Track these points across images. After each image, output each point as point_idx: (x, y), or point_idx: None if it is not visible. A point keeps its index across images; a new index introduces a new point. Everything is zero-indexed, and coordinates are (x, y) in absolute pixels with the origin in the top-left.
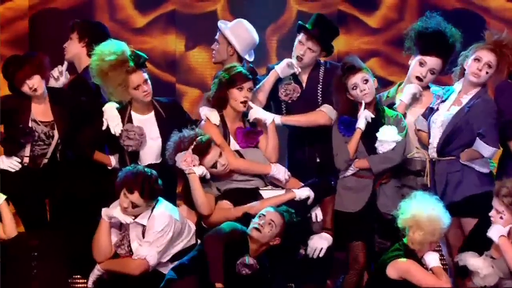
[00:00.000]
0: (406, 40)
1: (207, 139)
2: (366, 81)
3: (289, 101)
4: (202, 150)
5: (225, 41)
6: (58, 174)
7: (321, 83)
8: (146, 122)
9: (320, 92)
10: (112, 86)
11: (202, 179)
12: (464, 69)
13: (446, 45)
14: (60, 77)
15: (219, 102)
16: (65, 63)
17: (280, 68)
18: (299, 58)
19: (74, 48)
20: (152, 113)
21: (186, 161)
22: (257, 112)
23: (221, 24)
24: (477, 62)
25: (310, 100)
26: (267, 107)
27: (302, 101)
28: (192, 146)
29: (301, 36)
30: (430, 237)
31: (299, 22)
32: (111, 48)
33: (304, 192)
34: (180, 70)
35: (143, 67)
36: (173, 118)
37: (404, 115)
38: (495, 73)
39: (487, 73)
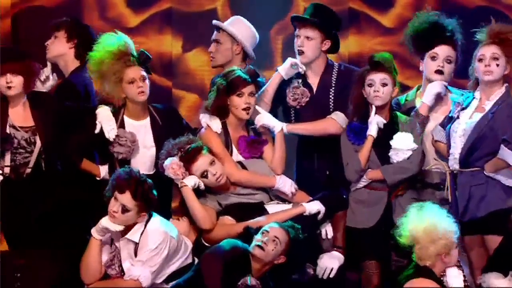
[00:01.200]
0: (409, 49)
1: (196, 147)
2: (385, 84)
3: (298, 107)
4: (188, 157)
5: (228, 40)
6: (43, 185)
7: (333, 87)
8: (140, 129)
9: (332, 97)
10: (106, 76)
11: (201, 192)
12: (477, 79)
13: (447, 31)
14: (47, 80)
15: (220, 111)
16: (49, 65)
17: (284, 69)
18: (300, 52)
19: (60, 48)
20: (147, 119)
21: (172, 168)
22: (264, 118)
23: (218, 22)
24: (482, 60)
25: (321, 105)
26: (272, 114)
27: (312, 106)
28: (179, 153)
29: (296, 30)
30: (434, 249)
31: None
32: (115, 39)
33: (314, 206)
34: (177, 74)
35: (144, 65)
36: (169, 125)
37: (427, 120)
38: (508, 65)
39: (497, 65)
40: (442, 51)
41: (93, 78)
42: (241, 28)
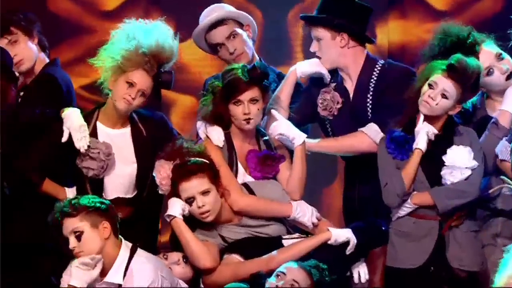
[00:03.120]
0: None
1: (195, 164)
2: (445, 97)
3: (330, 117)
4: (182, 172)
5: (241, 29)
6: None
7: (371, 91)
8: (118, 139)
9: (370, 103)
10: (111, 58)
11: (198, 223)
12: None
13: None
14: None
15: (219, 120)
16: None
17: (301, 65)
18: (318, 58)
19: (31, 50)
20: (128, 128)
21: (160, 173)
22: (282, 127)
23: (219, 15)
24: None
25: (358, 114)
26: (301, 126)
27: (347, 116)
28: (176, 161)
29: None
30: None
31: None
32: (164, 38)
33: (343, 234)
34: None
35: (159, 81)
36: (156, 137)
37: (508, 133)
38: None
39: None
40: (490, 48)
41: (104, 48)
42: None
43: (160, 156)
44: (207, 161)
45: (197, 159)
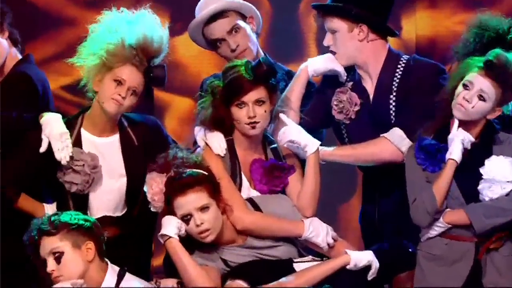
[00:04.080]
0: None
1: (191, 176)
2: (482, 98)
3: (346, 121)
4: (177, 186)
5: (244, 22)
6: None
7: (394, 91)
8: (105, 149)
9: (393, 106)
10: (94, 55)
11: (195, 244)
12: None
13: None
14: None
15: (220, 125)
16: None
17: (313, 62)
18: (332, 53)
19: (0, 45)
20: (117, 135)
21: (151, 187)
22: (292, 133)
23: (219, 6)
24: None
25: (379, 118)
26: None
27: (366, 120)
28: (170, 174)
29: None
30: None
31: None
32: (151, 28)
33: (363, 257)
34: None
35: (150, 77)
36: (149, 146)
37: None
38: None
39: None
40: None
41: (88, 40)
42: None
43: (151, 168)
44: (205, 173)
45: (194, 170)
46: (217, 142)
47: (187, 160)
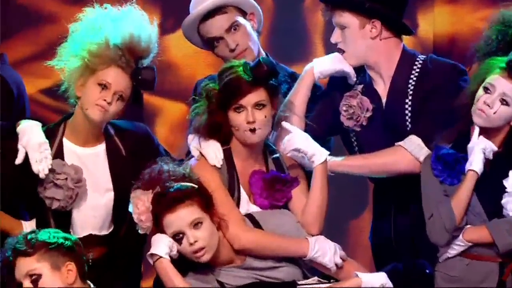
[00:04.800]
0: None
1: (180, 189)
2: (505, 102)
3: (357, 128)
4: (165, 202)
5: (244, 19)
6: None
7: (410, 94)
8: (90, 161)
9: (409, 111)
10: (75, 57)
11: (189, 265)
12: None
13: None
14: None
15: (216, 132)
16: None
17: (319, 62)
18: (340, 51)
19: None
20: (102, 145)
21: (137, 207)
22: (297, 141)
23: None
24: None
25: (394, 125)
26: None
27: (379, 127)
28: (156, 190)
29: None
30: None
31: None
32: (138, 26)
33: (376, 279)
34: None
35: (138, 80)
36: (138, 157)
37: None
38: None
39: None
40: None
41: (69, 40)
42: None
43: (135, 186)
44: (194, 186)
45: (182, 183)
46: (213, 151)
47: (174, 173)
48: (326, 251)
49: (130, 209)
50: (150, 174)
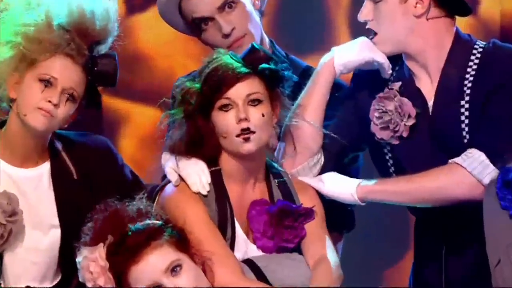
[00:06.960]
0: None
1: (147, 228)
2: None
3: (394, 142)
4: (128, 249)
5: None
6: None
7: (467, 94)
8: (28, 186)
9: (466, 117)
10: (6, 44)
11: None
12: None
13: None
14: None
15: (198, 147)
16: None
17: (341, 51)
18: (370, 34)
19: None
20: (47, 165)
21: (89, 271)
22: (325, 190)
23: None
24: None
25: (445, 136)
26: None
27: (424, 138)
28: (109, 240)
29: None
30: None
31: None
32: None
33: None
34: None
35: (94, 72)
36: (95, 181)
37: None
38: None
39: None
40: None
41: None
42: None
43: (81, 244)
44: (157, 222)
45: (144, 222)
46: (195, 174)
47: (132, 210)
48: None
49: (80, 277)
50: (95, 224)
